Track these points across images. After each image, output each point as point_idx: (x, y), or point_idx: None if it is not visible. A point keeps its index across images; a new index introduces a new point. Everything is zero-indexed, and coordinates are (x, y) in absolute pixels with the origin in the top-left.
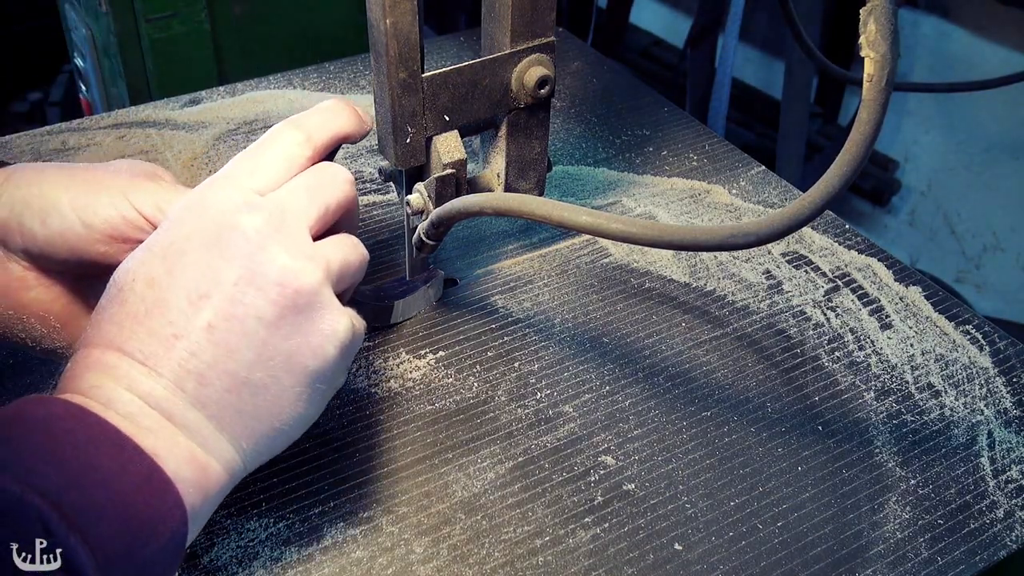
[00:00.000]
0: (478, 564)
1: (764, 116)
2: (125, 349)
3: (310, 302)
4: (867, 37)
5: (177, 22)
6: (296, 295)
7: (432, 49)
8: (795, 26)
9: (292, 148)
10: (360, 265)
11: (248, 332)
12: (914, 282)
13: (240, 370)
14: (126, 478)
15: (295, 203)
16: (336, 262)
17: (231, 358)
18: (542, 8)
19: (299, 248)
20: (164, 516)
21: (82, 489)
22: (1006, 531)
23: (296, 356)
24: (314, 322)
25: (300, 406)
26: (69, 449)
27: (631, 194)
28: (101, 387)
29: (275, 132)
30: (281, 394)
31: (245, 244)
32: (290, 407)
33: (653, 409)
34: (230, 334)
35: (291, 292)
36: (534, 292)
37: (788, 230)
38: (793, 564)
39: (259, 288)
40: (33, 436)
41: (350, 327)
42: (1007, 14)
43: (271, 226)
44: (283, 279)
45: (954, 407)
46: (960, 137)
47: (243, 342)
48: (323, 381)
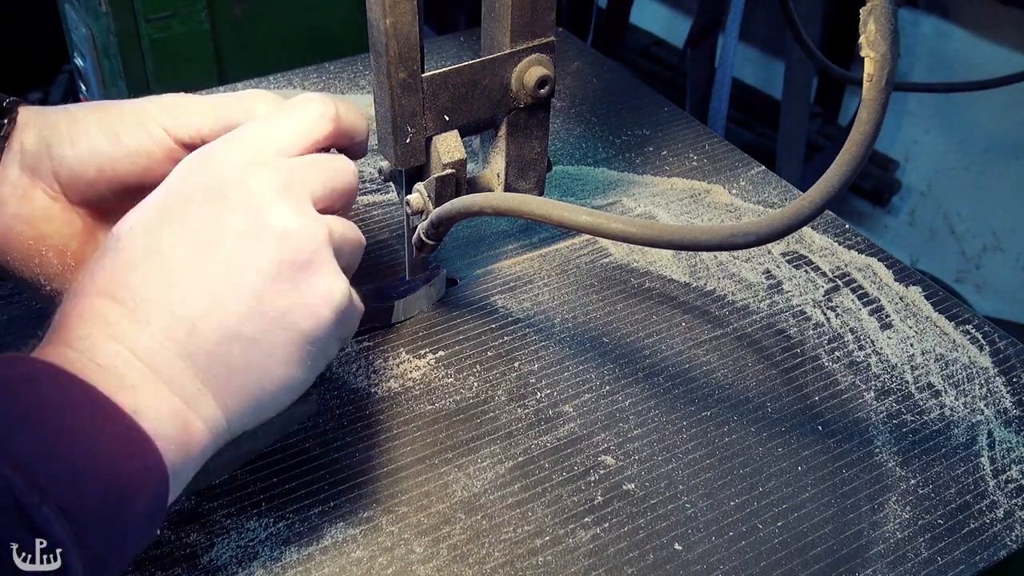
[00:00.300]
0: (478, 564)
1: (764, 116)
2: (116, 296)
3: (309, 260)
4: (867, 37)
5: (177, 22)
6: (296, 251)
7: (432, 49)
8: (795, 26)
9: (316, 123)
10: (357, 246)
11: (244, 284)
12: (914, 282)
13: (232, 323)
14: (102, 439)
15: (305, 172)
16: (337, 232)
17: (224, 309)
18: (542, 8)
19: (303, 209)
20: (144, 477)
21: (56, 456)
22: (1006, 531)
23: (290, 314)
24: (311, 282)
25: (291, 368)
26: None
27: (631, 194)
28: (87, 337)
29: (302, 101)
30: (272, 352)
31: (250, 197)
32: (280, 367)
33: (653, 409)
34: (226, 284)
35: (291, 247)
36: (534, 292)
37: (788, 230)
38: (793, 564)
39: (260, 240)
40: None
41: (347, 292)
42: (1007, 14)
43: (278, 182)
44: (285, 234)
45: (954, 407)
46: (960, 137)
47: (238, 294)
48: (315, 344)
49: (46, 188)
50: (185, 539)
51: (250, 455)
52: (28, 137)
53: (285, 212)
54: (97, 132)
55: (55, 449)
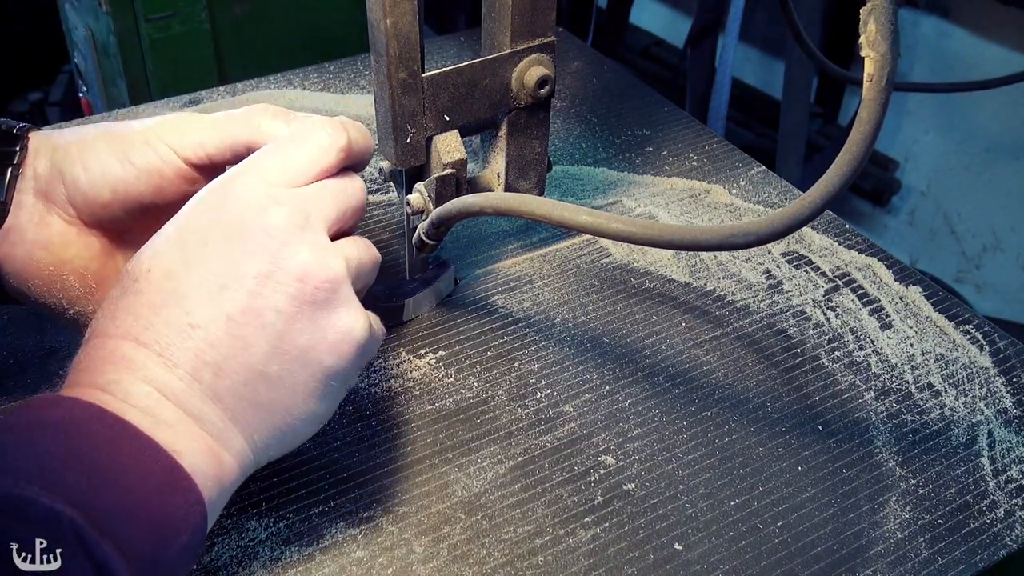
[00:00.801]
0: (478, 564)
1: (764, 116)
2: (141, 339)
3: (328, 298)
4: (867, 37)
5: (177, 22)
6: (315, 291)
7: (432, 49)
8: (795, 26)
9: (328, 153)
10: (373, 266)
11: (266, 325)
12: (914, 282)
13: (257, 363)
14: (150, 478)
15: (319, 202)
16: (354, 260)
17: (248, 351)
18: (542, 8)
19: (320, 245)
20: (186, 513)
21: (108, 494)
22: (1006, 531)
23: (312, 351)
24: (331, 318)
25: (313, 402)
26: (91, 452)
27: (631, 194)
28: (119, 381)
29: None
30: (295, 389)
31: (267, 239)
32: (303, 403)
33: (653, 409)
34: (248, 327)
35: (311, 288)
36: (534, 292)
37: (788, 230)
38: (793, 564)
39: (279, 282)
40: (54, 441)
41: (367, 327)
42: (1007, 14)
43: (294, 222)
44: (304, 274)
45: (954, 407)
46: (960, 137)
47: (261, 335)
48: (337, 379)
49: (61, 213)
50: None
51: None
52: (40, 163)
53: (303, 252)
54: (107, 155)
55: (108, 488)
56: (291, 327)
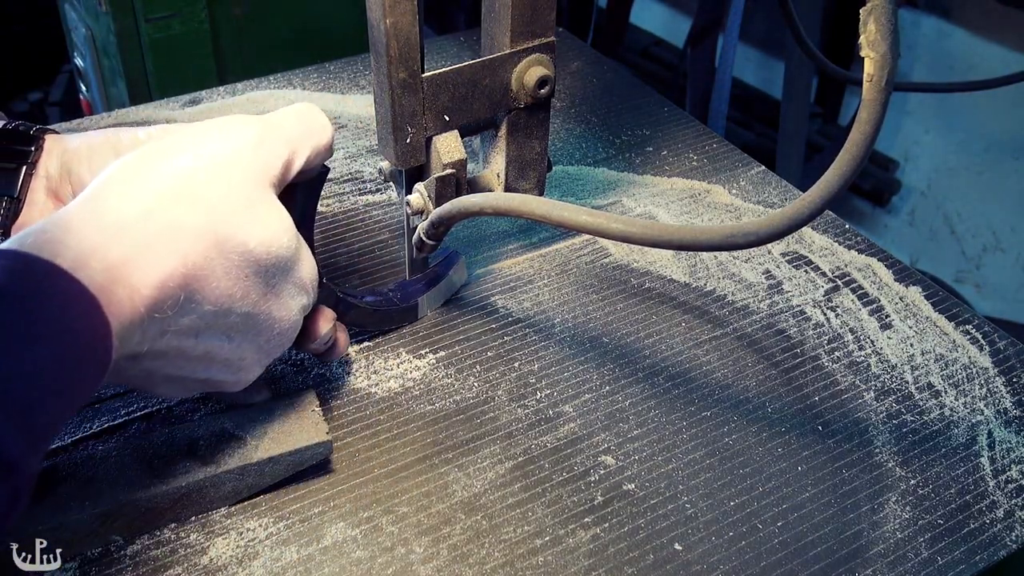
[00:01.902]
0: (478, 564)
1: (764, 116)
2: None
3: (265, 193)
4: (867, 37)
5: (177, 22)
6: (262, 172)
7: (432, 49)
8: (795, 26)
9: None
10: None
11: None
12: (914, 282)
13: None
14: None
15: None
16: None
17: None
18: (542, 8)
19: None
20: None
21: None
22: (1006, 531)
23: (242, 235)
24: (265, 214)
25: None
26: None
27: (631, 194)
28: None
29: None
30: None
31: (230, 135)
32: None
33: (653, 409)
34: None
35: (259, 174)
36: (534, 292)
37: (788, 230)
38: (793, 564)
39: (236, 164)
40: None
41: (293, 234)
42: (1007, 14)
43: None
44: (254, 163)
45: (954, 407)
46: (960, 137)
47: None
48: (258, 271)
49: None
50: (185, 539)
51: (253, 489)
52: (52, 163)
53: (250, 131)
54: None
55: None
56: (233, 205)
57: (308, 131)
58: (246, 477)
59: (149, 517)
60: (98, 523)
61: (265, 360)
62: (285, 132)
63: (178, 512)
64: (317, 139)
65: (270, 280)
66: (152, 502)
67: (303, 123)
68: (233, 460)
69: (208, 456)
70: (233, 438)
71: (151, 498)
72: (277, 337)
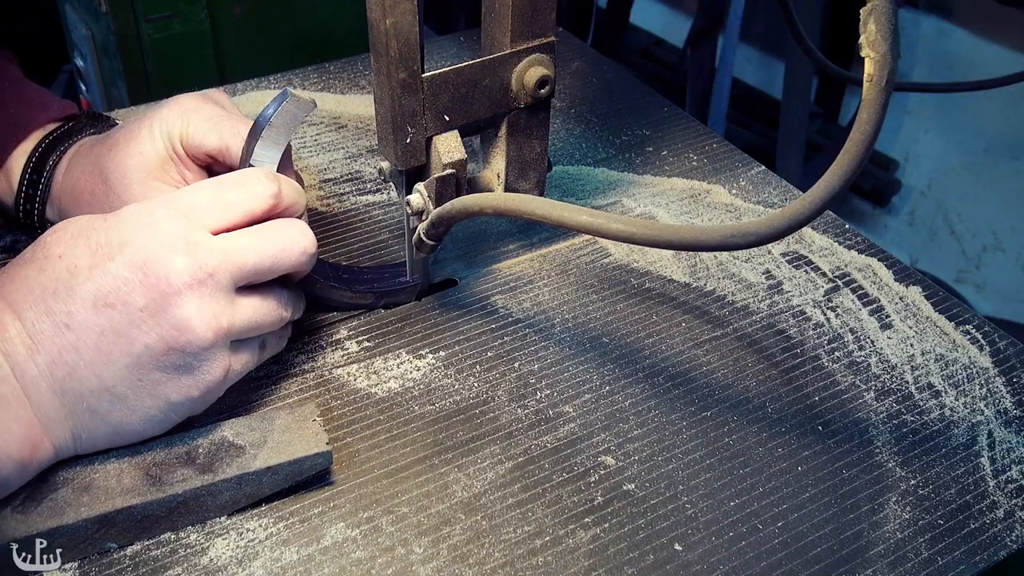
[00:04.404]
0: (478, 564)
1: (764, 116)
2: (21, 315)
3: (197, 355)
4: (867, 37)
5: (177, 22)
6: (187, 344)
7: (432, 49)
8: (795, 26)
9: (260, 199)
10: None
11: (132, 353)
12: (914, 282)
13: (109, 380)
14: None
15: (233, 259)
16: (242, 323)
17: (106, 367)
18: (542, 8)
19: (212, 305)
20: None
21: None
22: (1006, 531)
23: (163, 387)
24: (192, 369)
25: (148, 424)
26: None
27: (631, 194)
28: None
29: (248, 174)
30: (135, 410)
31: (165, 284)
32: (139, 422)
33: (653, 409)
34: (116, 347)
35: (183, 341)
36: (534, 292)
37: (788, 230)
38: (793, 564)
39: (159, 324)
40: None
41: (221, 378)
42: (1007, 14)
43: (195, 277)
44: (184, 327)
45: (954, 407)
46: (960, 137)
47: (123, 359)
48: (177, 412)
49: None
50: (185, 539)
51: (251, 499)
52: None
53: (190, 307)
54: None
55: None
56: (153, 363)
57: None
58: (244, 486)
59: (145, 525)
60: (94, 529)
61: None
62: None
63: (175, 520)
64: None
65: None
66: (149, 510)
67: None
68: (231, 469)
69: (206, 464)
70: (232, 447)
71: (148, 506)
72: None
